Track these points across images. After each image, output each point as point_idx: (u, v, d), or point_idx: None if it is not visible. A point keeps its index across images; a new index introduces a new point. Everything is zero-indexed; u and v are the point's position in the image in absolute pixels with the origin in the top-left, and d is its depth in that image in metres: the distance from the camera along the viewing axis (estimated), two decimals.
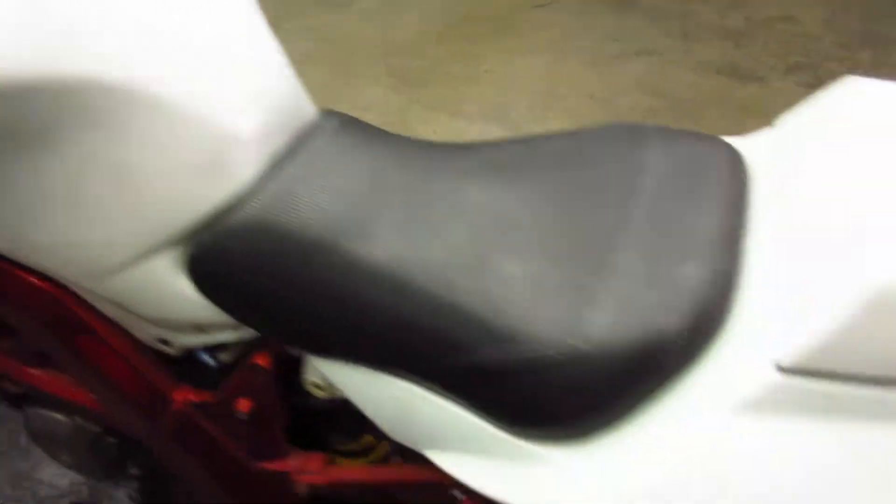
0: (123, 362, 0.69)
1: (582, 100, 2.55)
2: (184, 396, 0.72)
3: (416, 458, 0.59)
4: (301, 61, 0.90)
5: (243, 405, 0.70)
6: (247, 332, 0.65)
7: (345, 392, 0.62)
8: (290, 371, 0.69)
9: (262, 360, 0.67)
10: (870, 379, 0.40)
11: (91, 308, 0.66)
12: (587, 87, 2.58)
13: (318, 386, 0.67)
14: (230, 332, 0.66)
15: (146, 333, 0.68)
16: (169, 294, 0.62)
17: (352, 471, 0.71)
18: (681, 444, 0.44)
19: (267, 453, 0.74)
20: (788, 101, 0.76)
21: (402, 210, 0.57)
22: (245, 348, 0.68)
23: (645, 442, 0.45)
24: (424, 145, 0.66)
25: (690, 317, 0.45)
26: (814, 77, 2.63)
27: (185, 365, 0.71)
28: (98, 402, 0.77)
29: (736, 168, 0.57)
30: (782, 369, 0.42)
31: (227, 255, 0.58)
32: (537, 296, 0.49)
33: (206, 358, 0.71)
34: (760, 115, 2.49)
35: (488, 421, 0.52)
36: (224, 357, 0.70)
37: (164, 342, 0.69)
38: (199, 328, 0.66)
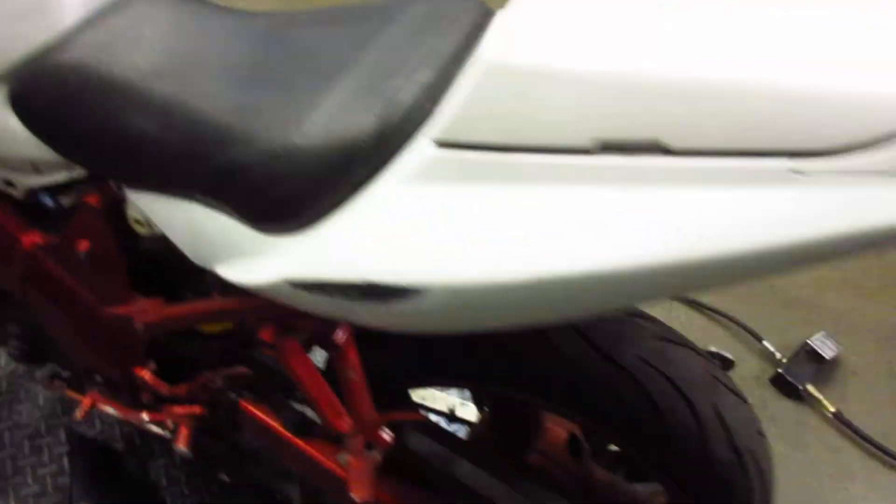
0: None
1: None
2: (31, 240, 0.80)
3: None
4: None
5: (83, 245, 0.78)
6: (77, 172, 0.74)
7: (153, 221, 0.70)
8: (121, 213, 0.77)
9: (93, 200, 0.75)
10: (501, 147, 0.48)
11: None
12: None
13: (138, 222, 0.75)
14: (63, 172, 0.74)
15: None
16: (1, 130, 0.70)
17: (181, 307, 0.79)
18: (371, 216, 0.52)
19: (110, 297, 0.82)
20: None
21: (187, 56, 0.65)
22: (81, 190, 0.77)
23: (350, 221, 0.53)
24: (233, 12, 0.73)
25: (384, 118, 0.53)
26: None
27: (31, 208, 0.79)
28: None
29: (484, 14, 0.63)
30: (438, 143, 0.49)
31: (45, 91, 0.66)
32: (266, 104, 0.58)
33: (48, 200, 0.79)
34: None
35: (243, 222, 0.60)
36: (64, 200, 0.79)
37: (9, 184, 0.77)
38: (36, 168, 0.74)
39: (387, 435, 0.72)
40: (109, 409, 0.92)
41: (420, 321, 0.54)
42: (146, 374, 0.89)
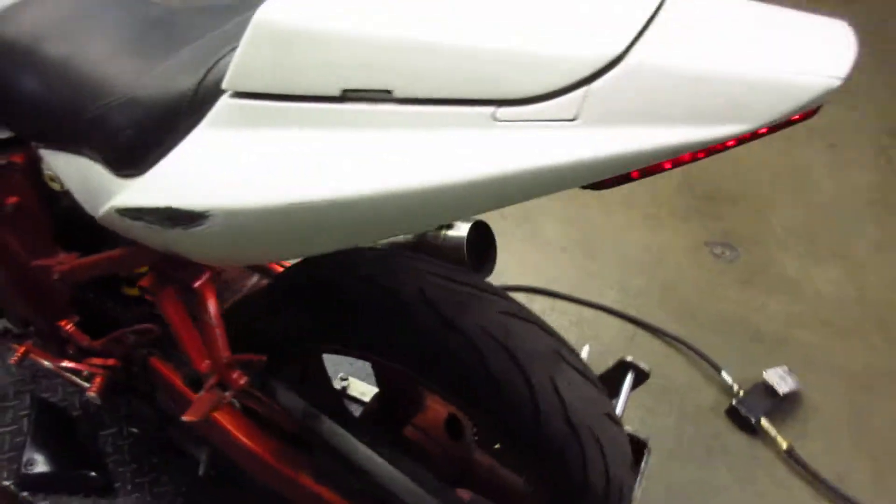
0: None
1: None
2: None
3: None
4: None
5: (10, 201, 0.90)
6: (3, 133, 0.86)
7: (58, 176, 0.81)
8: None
9: (18, 159, 0.88)
10: (272, 95, 0.56)
11: None
12: None
13: (52, 179, 0.86)
14: None
15: None
16: None
17: (86, 259, 0.89)
18: (182, 156, 0.61)
19: (35, 250, 0.94)
20: None
21: (75, 28, 0.77)
22: (7, 150, 0.89)
23: (169, 161, 0.63)
24: None
25: (202, 78, 0.63)
26: None
27: None
28: None
29: None
30: (231, 94, 0.59)
31: None
32: (126, 66, 0.69)
33: None
34: None
35: (109, 170, 0.70)
36: None
37: None
38: None
39: (239, 377, 0.80)
40: (40, 359, 1.03)
41: (213, 247, 0.63)
42: (69, 327, 0.99)
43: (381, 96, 0.54)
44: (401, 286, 0.80)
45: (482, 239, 1.06)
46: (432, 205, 0.53)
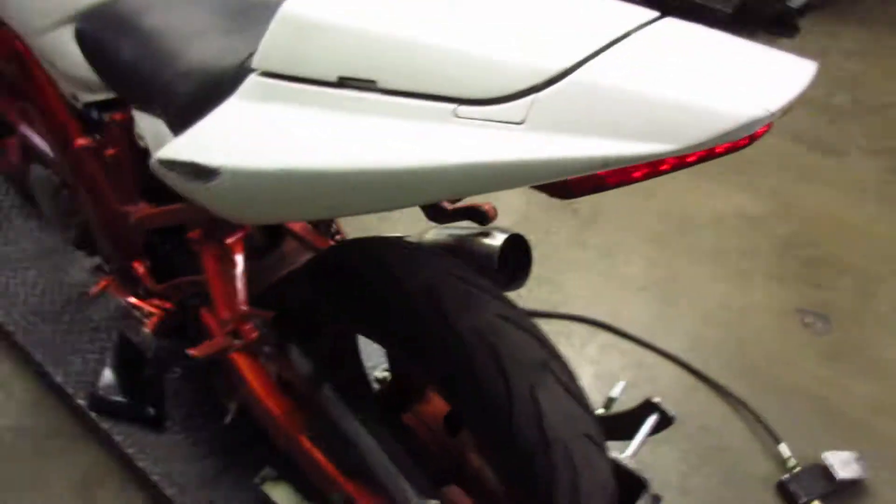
0: (51, 101, 1.08)
1: None
2: (81, 141, 1.09)
3: None
4: None
5: (109, 152, 1.06)
6: (111, 93, 1.01)
7: (142, 133, 0.95)
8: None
9: (118, 117, 1.02)
10: (287, 76, 0.64)
11: (35, 61, 1.06)
12: None
13: (140, 136, 1.00)
14: (103, 92, 1.02)
15: (64, 88, 1.06)
16: (71, 56, 1.00)
17: (155, 210, 1.03)
18: (213, 120, 0.71)
19: (122, 196, 1.09)
20: (860, 178, 0.85)
21: (173, 13, 0.90)
22: (113, 108, 1.04)
23: (204, 123, 0.73)
24: None
25: (242, 57, 0.73)
26: None
27: (85, 118, 1.09)
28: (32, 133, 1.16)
29: None
30: (259, 73, 0.68)
31: (94, 31, 0.95)
32: (193, 44, 0.80)
33: (95, 113, 1.08)
34: (817, 182, 2.46)
35: (170, 129, 0.82)
36: (105, 115, 1.07)
37: (74, 97, 1.07)
38: (88, 86, 1.03)
39: (251, 330, 0.89)
40: (115, 293, 1.19)
41: (224, 201, 0.72)
42: (140, 269, 1.14)
43: (368, 86, 0.61)
44: (410, 275, 0.86)
45: (518, 252, 1.09)
46: (395, 185, 0.59)
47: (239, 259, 0.89)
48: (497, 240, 1.07)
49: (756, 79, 0.49)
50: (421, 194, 0.60)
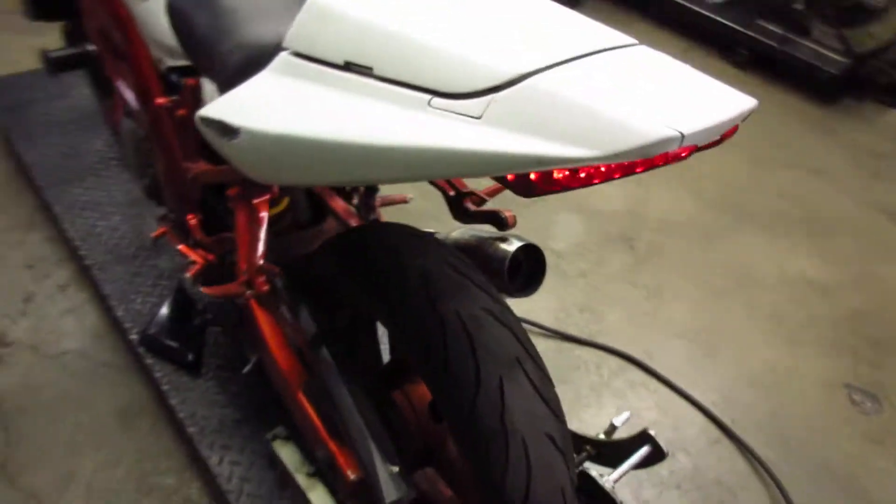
0: (142, 63, 1.22)
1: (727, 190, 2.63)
2: (160, 101, 1.23)
3: None
4: None
5: (180, 112, 1.19)
6: (188, 61, 1.15)
7: (205, 98, 1.07)
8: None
9: (190, 82, 1.15)
10: (307, 56, 0.73)
11: (134, 26, 1.21)
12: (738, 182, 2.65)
13: (204, 100, 1.12)
14: (182, 59, 1.15)
15: (153, 52, 1.21)
16: (161, 25, 1.14)
17: (207, 168, 1.15)
18: (246, 87, 0.80)
19: (185, 154, 1.22)
20: None
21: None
22: (188, 73, 1.18)
23: (239, 89, 0.82)
24: None
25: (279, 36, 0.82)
26: None
27: (167, 81, 1.23)
28: (126, 90, 1.31)
29: None
30: (289, 52, 0.77)
31: (179, 6, 1.08)
32: (242, 22, 0.91)
33: (175, 78, 1.21)
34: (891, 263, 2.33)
35: (219, 92, 0.93)
36: (181, 80, 1.20)
37: (160, 61, 1.21)
38: (171, 53, 1.17)
39: (263, 283, 0.98)
40: (170, 240, 1.32)
41: (243, 158, 0.81)
42: (193, 221, 1.26)
43: (367, 71, 0.68)
44: (411, 258, 0.93)
45: (531, 261, 1.14)
46: (374, 161, 0.66)
47: (263, 217, 0.99)
48: (512, 246, 1.11)
49: (686, 104, 0.53)
50: (395, 171, 0.67)
